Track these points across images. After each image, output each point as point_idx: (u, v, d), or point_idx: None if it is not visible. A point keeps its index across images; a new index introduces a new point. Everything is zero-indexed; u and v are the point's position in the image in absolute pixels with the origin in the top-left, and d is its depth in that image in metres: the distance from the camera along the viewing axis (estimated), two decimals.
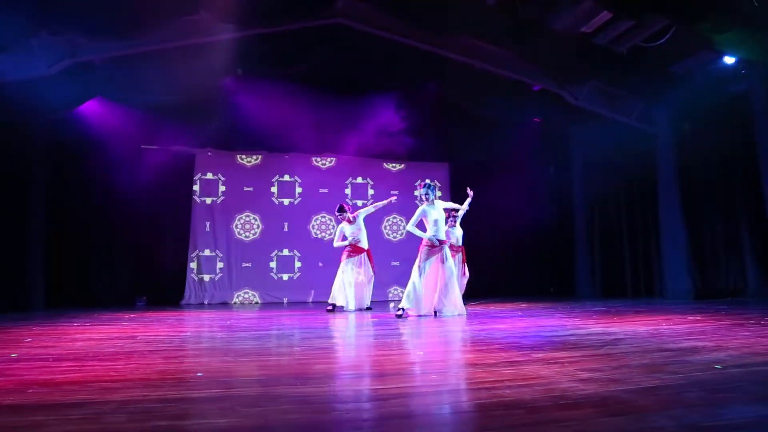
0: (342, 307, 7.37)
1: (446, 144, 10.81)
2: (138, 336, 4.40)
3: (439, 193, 10.72)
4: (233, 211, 9.98)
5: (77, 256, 8.65)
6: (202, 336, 4.47)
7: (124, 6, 6.91)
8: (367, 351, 3.49)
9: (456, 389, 2.23)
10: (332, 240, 10.21)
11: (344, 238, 7.63)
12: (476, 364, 2.95)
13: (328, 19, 8.30)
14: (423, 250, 6.24)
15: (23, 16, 6.55)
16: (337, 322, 5.84)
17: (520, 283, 10.74)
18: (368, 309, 7.49)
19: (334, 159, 10.61)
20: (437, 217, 6.25)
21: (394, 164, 10.93)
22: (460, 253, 8.12)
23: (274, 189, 10.27)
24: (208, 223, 9.78)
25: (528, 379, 2.44)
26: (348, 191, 10.62)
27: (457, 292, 6.28)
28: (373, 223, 9.50)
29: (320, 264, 10.11)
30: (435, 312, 6.16)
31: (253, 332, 4.81)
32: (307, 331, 4.99)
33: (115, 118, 8.71)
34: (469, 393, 2.16)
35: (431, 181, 6.58)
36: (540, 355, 3.24)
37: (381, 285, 9.47)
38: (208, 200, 9.87)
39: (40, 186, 7.92)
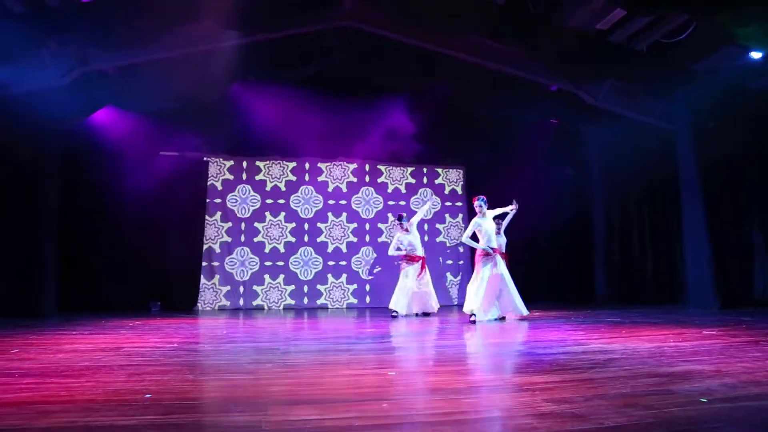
0: (405, 314, 7.54)
1: (460, 147, 10.55)
2: (124, 347, 4.38)
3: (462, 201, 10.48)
4: (245, 216, 9.98)
5: (90, 262, 8.78)
6: (184, 348, 4.40)
7: (131, 15, 6.98)
8: (337, 370, 3.35)
9: (396, 423, 2.06)
10: (343, 246, 10.16)
11: (399, 247, 7.85)
12: (440, 390, 2.76)
13: (335, 22, 8.20)
14: (479, 260, 6.75)
15: (32, 27, 6.71)
16: (337, 332, 5.72)
17: (538, 289, 10.35)
18: (425, 315, 7.68)
19: (346, 163, 10.47)
20: (488, 228, 6.77)
21: (408, 167, 10.74)
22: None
23: (285, 194, 10.22)
24: (220, 229, 9.82)
25: (482, 413, 2.26)
26: (361, 195, 10.49)
27: (513, 295, 6.79)
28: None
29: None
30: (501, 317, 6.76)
31: (239, 344, 4.74)
32: (295, 343, 4.89)
33: (126, 126, 8.81)
34: (404, 428, 2.00)
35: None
36: (517, 380, 3.04)
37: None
38: (221, 206, 9.90)
39: (53, 194, 8.04)
